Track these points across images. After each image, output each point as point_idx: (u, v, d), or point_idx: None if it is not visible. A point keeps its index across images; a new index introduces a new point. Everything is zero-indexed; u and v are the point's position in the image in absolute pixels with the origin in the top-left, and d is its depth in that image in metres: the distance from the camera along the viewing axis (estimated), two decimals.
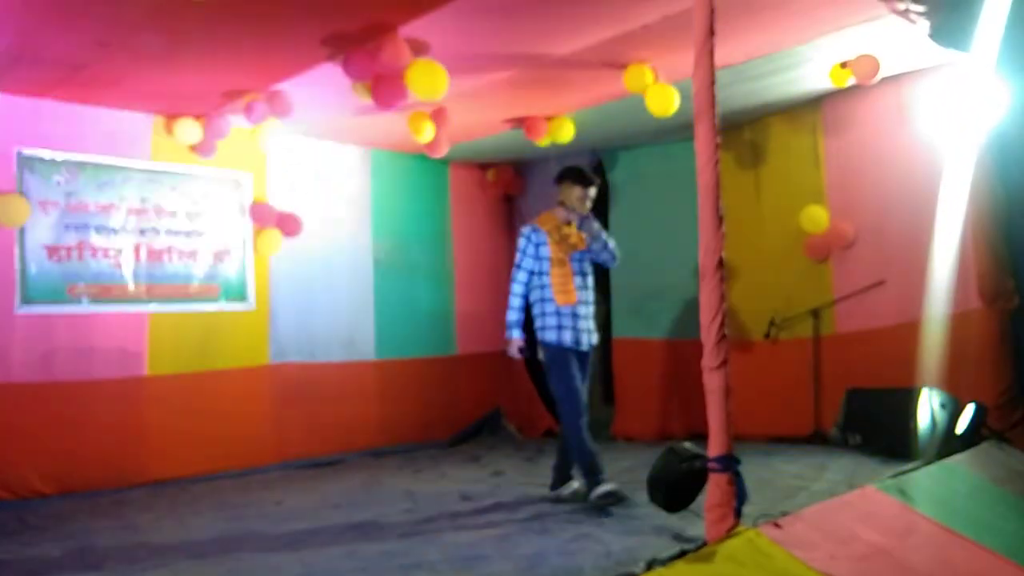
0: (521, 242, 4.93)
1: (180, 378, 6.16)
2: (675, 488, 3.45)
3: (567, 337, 4.80)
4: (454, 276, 8.03)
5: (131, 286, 6.02)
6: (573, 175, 4.97)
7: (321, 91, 5.55)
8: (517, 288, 4.92)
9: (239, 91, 5.56)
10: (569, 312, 4.82)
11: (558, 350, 4.81)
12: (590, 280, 4.97)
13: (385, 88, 4.93)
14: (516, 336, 4.89)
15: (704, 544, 3.10)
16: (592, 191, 4.96)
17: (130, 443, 5.87)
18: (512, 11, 4.49)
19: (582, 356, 4.88)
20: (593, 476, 4.62)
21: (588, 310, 4.90)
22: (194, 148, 6.17)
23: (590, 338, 4.90)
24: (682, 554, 3.04)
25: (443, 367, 7.77)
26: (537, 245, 4.87)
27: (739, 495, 3.14)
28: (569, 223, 4.92)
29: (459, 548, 3.89)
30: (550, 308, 4.84)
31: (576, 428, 4.69)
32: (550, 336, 4.82)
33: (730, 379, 3.16)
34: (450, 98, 5.42)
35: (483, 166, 8.23)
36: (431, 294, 7.83)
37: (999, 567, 3.73)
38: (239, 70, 5.22)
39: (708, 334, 3.17)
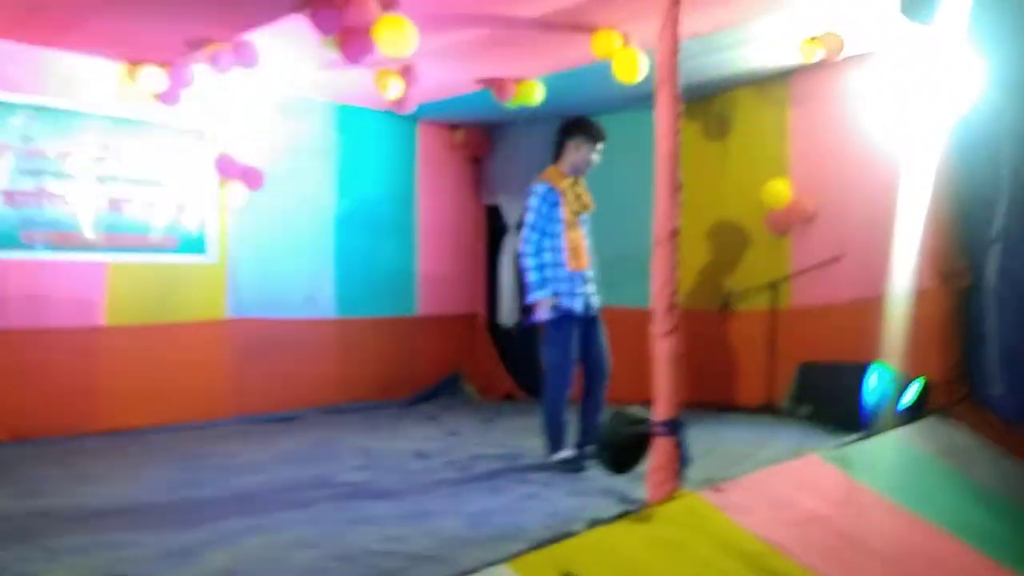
0: (534, 201, 4.67)
1: (138, 329, 6.12)
2: (621, 450, 3.51)
3: (577, 304, 4.66)
4: (418, 236, 8.01)
5: (89, 234, 5.95)
6: (585, 130, 4.73)
7: (288, 43, 5.48)
8: (531, 248, 4.67)
9: (204, 40, 5.46)
10: (580, 277, 4.69)
11: (565, 318, 4.65)
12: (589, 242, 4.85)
13: (352, 42, 4.86)
14: (546, 294, 4.63)
15: (646, 506, 3.17)
16: (601, 147, 4.76)
17: (85, 392, 5.84)
18: None
19: (591, 321, 4.76)
20: (556, 444, 4.67)
21: (592, 274, 4.81)
22: (158, 96, 6.06)
23: (597, 301, 4.81)
24: (624, 515, 3.11)
25: (404, 327, 7.78)
26: (552, 205, 4.66)
27: (682, 459, 3.21)
28: (576, 180, 4.77)
29: (409, 504, 3.95)
30: (563, 273, 4.65)
31: (557, 397, 4.66)
32: (563, 302, 4.64)
33: (680, 346, 3.20)
34: (419, 55, 5.37)
35: (451, 126, 8.19)
36: (394, 253, 7.80)
37: (933, 537, 3.85)
38: (204, 18, 5.12)
39: (659, 301, 3.21)
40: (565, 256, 4.65)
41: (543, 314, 4.65)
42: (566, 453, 4.63)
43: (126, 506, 4.00)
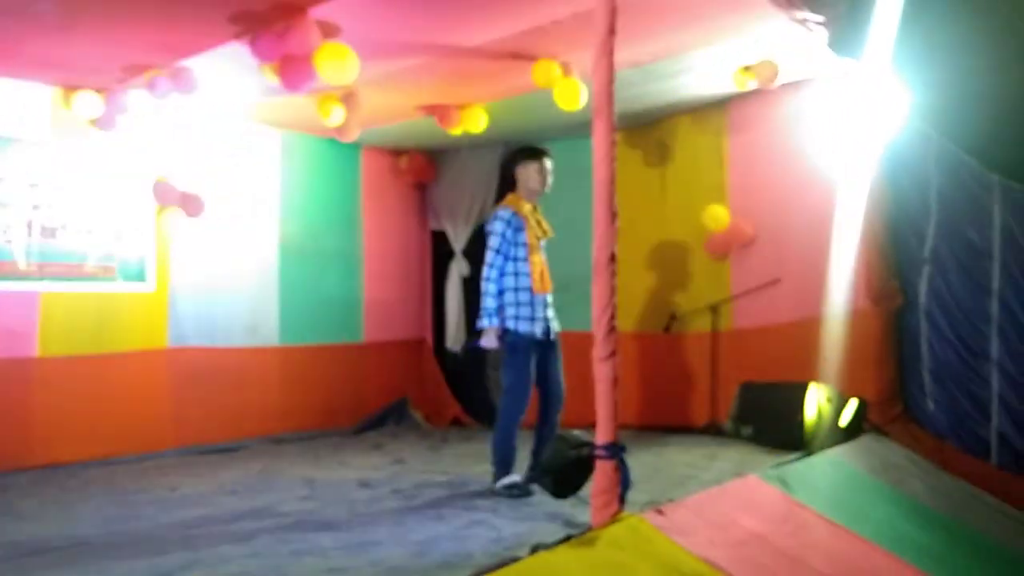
0: (498, 226, 4.73)
1: (73, 360, 5.96)
2: (563, 475, 3.53)
3: (538, 328, 4.72)
4: (363, 262, 7.97)
5: (22, 263, 5.80)
6: (525, 152, 4.88)
7: (229, 69, 5.44)
8: (494, 273, 4.70)
9: (142, 66, 5.41)
10: (543, 301, 4.77)
11: (526, 341, 4.70)
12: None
13: (293, 70, 4.85)
14: (495, 323, 4.67)
15: (589, 529, 3.19)
16: (548, 163, 4.86)
17: (17, 426, 5.65)
18: None
19: (552, 345, 4.82)
20: (504, 469, 4.67)
21: (553, 298, 4.89)
22: (94, 122, 5.97)
23: (555, 326, 4.88)
24: (567, 539, 3.12)
25: (349, 354, 7.71)
26: (517, 230, 4.73)
27: (624, 482, 3.24)
28: (536, 208, 4.88)
29: (353, 534, 3.90)
30: (525, 297, 4.70)
31: (511, 421, 4.68)
32: (524, 327, 4.69)
33: (618, 370, 3.24)
34: (361, 82, 5.39)
35: (396, 152, 8.19)
36: (339, 280, 7.75)
37: (869, 553, 3.94)
38: (142, 45, 5.07)
39: (599, 326, 3.25)
40: (531, 280, 4.72)
41: (488, 342, 4.68)
42: (512, 479, 4.65)
43: (61, 544, 3.87)
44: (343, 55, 4.77)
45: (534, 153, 4.86)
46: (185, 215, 6.47)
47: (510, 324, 4.72)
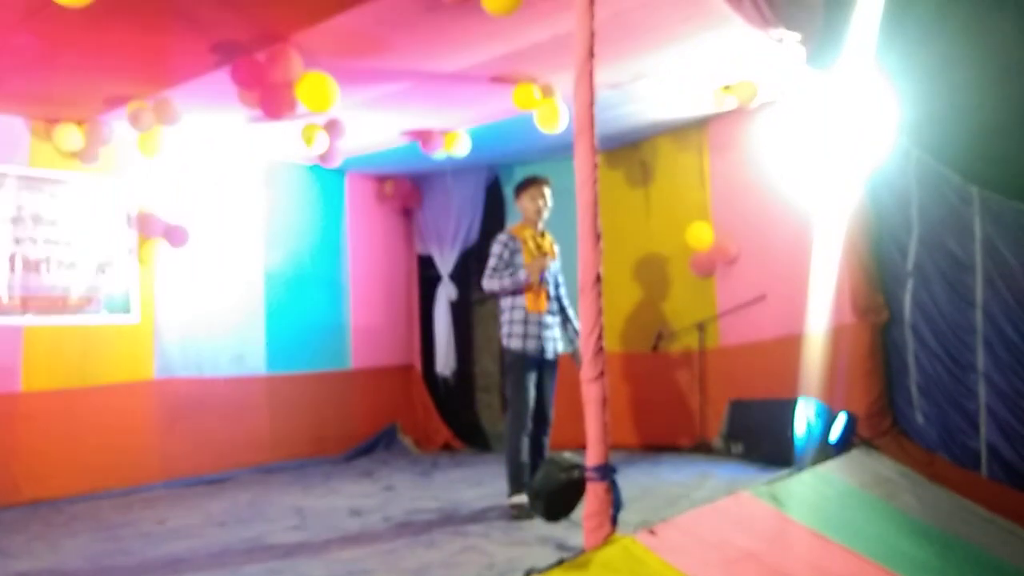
0: (496, 247, 4.96)
1: (58, 394, 5.92)
2: (554, 497, 3.51)
3: (531, 345, 4.85)
4: (350, 289, 7.96)
5: (4, 298, 5.76)
6: (524, 182, 5.08)
7: (211, 99, 5.45)
8: (495, 276, 4.91)
9: (123, 97, 5.41)
10: (536, 320, 4.88)
11: (520, 358, 4.85)
12: (557, 291, 5.06)
13: (273, 98, 4.87)
14: (520, 275, 4.85)
15: (581, 552, 3.17)
16: (546, 189, 5.03)
17: (2, 462, 5.59)
18: (403, 25, 4.51)
19: (548, 364, 4.94)
20: (515, 484, 4.73)
21: (555, 319, 4.99)
22: (75, 154, 5.95)
23: (555, 346, 4.98)
24: (560, 563, 3.10)
25: (337, 381, 7.68)
26: (513, 252, 4.93)
27: (615, 503, 3.22)
28: (543, 233, 5.03)
29: (344, 564, 3.86)
30: (518, 315, 4.88)
31: (515, 436, 4.81)
32: (516, 344, 4.86)
33: (607, 390, 3.23)
34: (343, 109, 5.40)
35: (380, 178, 8.21)
36: (325, 307, 7.73)
37: (863, 568, 3.93)
38: (123, 76, 5.09)
39: (586, 346, 3.24)
40: (524, 299, 4.88)
41: (534, 274, 4.84)
42: (521, 499, 4.63)
43: None
44: (323, 84, 4.80)
45: (532, 182, 5.06)
46: (169, 246, 6.45)
47: (504, 341, 4.93)
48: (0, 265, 5.75)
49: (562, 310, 5.11)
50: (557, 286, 5.07)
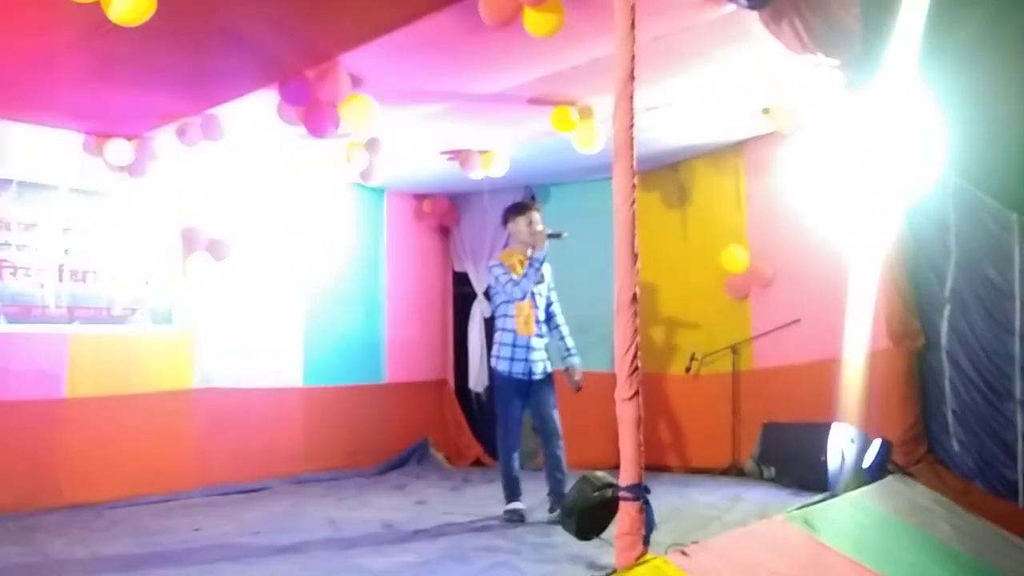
0: (491, 278, 5.29)
1: (101, 401, 6.06)
2: (587, 516, 3.52)
3: (517, 368, 5.14)
4: (386, 304, 8.05)
5: (52, 307, 5.92)
6: (511, 210, 5.33)
7: (257, 116, 5.57)
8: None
9: (172, 114, 5.56)
10: (524, 343, 5.14)
11: (506, 380, 5.18)
12: (542, 313, 5.27)
13: (318, 116, 4.98)
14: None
15: (613, 572, 3.19)
16: (535, 215, 5.24)
17: (45, 467, 5.74)
18: (446, 46, 4.60)
19: (536, 384, 5.18)
20: (508, 494, 5.15)
21: (541, 341, 5.22)
22: (124, 169, 6.11)
23: (545, 367, 5.21)
24: None
25: (372, 395, 7.76)
26: (505, 279, 5.16)
27: (648, 523, 3.23)
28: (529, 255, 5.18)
29: (375, 574, 3.91)
30: (507, 339, 5.17)
31: (503, 450, 5.23)
32: (502, 367, 5.17)
33: (641, 410, 3.25)
34: (384, 128, 5.50)
35: (419, 196, 8.31)
36: (362, 322, 7.84)
37: None
38: (173, 93, 5.22)
39: (621, 366, 3.26)
40: (514, 323, 5.15)
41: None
42: (513, 506, 5.08)
43: None
44: (366, 105, 4.93)
45: (520, 208, 5.31)
46: (212, 259, 6.58)
47: (492, 363, 5.30)
48: (49, 274, 5.92)
49: (556, 328, 5.34)
50: (548, 305, 5.30)
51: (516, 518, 5.01)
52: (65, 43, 4.37)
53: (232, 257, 6.68)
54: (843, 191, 5.99)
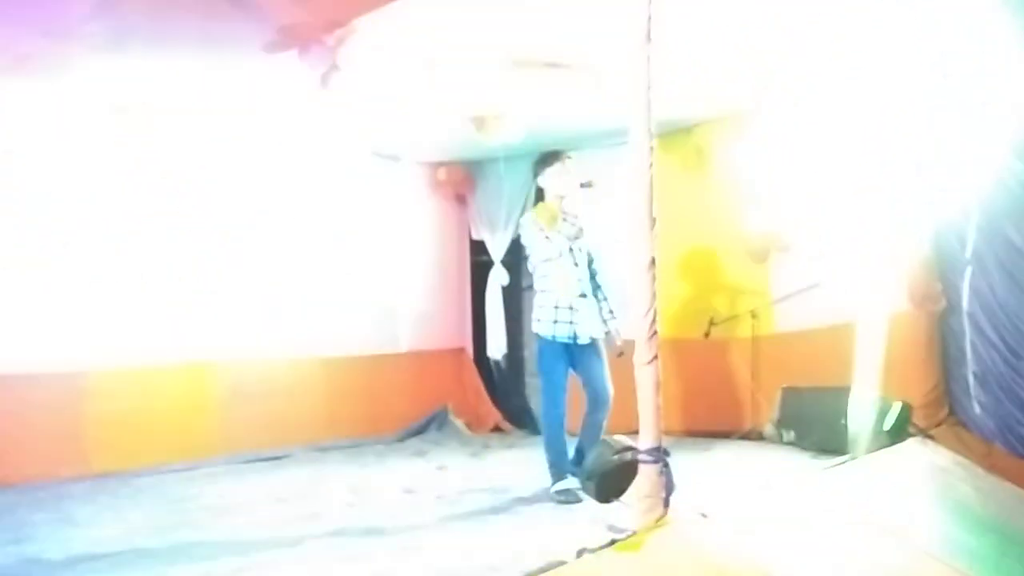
0: (524, 236, 4.94)
1: (127, 370, 6.13)
2: (607, 479, 3.55)
3: (562, 331, 4.77)
4: (404, 273, 8.07)
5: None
6: (541, 161, 4.97)
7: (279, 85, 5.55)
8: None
9: None
10: (567, 304, 4.79)
11: (549, 344, 4.78)
12: (584, 271, 4.90)
13: None
14: None
15: (634, 533, 3.21)
16: (569, 163, 4.91)
17: (72, 436, 5.83)
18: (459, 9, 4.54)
19: (582, 349, 4.80)
20: (555, 472, 4.71)
21: (584, 301, 4.84)
22: None
23: (591, 330, 4.83)
24: (612, 543, 3.15)
25: (391, 364, 7.82)
26: (539, 236, 4.84)
27: (668, 486, 3.25)
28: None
29: (399, 540, 3.96)
30: (547, 300, 4.81)
31: (547, 422, 4.78)
32: (544, 329, 4.79)
33: (660, 374, 3.26)
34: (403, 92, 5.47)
35: (435, 165, 8.29)
36: (381, 291, 7.86)
37: (917, 558, 3.90)
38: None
39: (640, 330, 3.27)
40: (554, 282, 4.81)
41: None
42: (563, 484, 4.63)
43: (115, 550, 3.97)
44: None
45: (550, 159, 4.94)
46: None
47: (533, 327, 4.88)
48: None
49: (598, 288, 4.96)
50: (590, 263, 4.94)
51: (572, 499, 4.51)
52: (80, 15, 4.35)
53: (246, 227, 6.70)
54: (864, 152, 5.92)
